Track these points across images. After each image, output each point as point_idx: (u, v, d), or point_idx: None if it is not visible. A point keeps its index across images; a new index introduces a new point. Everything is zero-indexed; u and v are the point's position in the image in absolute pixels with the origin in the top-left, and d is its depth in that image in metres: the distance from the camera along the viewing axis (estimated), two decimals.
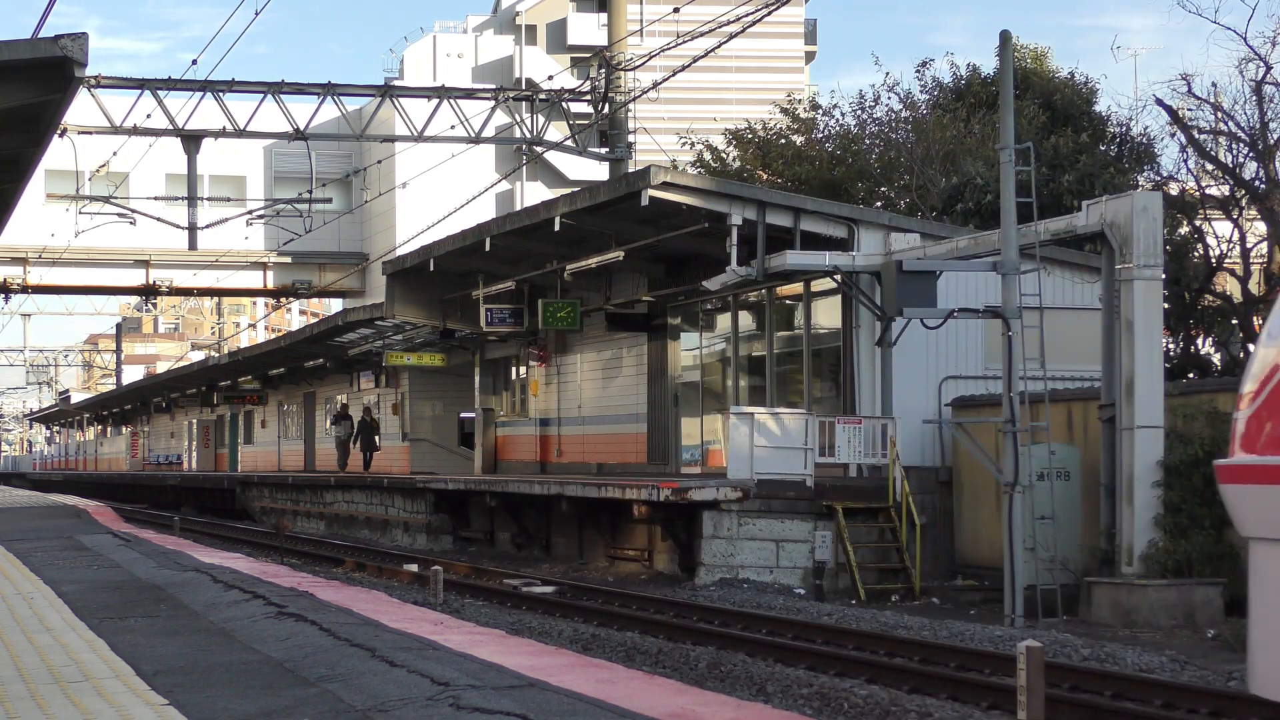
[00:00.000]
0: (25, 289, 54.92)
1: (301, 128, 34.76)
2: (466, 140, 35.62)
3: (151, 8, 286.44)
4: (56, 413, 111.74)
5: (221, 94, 34.03)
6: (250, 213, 41.96)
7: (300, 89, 34.70)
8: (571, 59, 66.13)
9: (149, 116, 33.88)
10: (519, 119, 36.57)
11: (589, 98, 35.92)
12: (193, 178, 34.70)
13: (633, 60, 34.19)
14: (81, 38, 13.66)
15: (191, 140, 33.84)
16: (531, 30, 69.85)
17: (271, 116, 35.52)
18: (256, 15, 30.02)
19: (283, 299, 68.34)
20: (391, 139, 39.78)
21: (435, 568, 22.40)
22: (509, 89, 39.87)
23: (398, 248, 46.03)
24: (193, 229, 35.24)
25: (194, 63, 33.29)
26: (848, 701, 13.35)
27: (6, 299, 54.63)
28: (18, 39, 14.16)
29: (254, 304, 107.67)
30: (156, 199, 40.62)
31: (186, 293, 62.33)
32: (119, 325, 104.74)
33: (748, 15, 27.81)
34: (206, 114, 34.68)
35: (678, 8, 28.85)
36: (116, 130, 34.27)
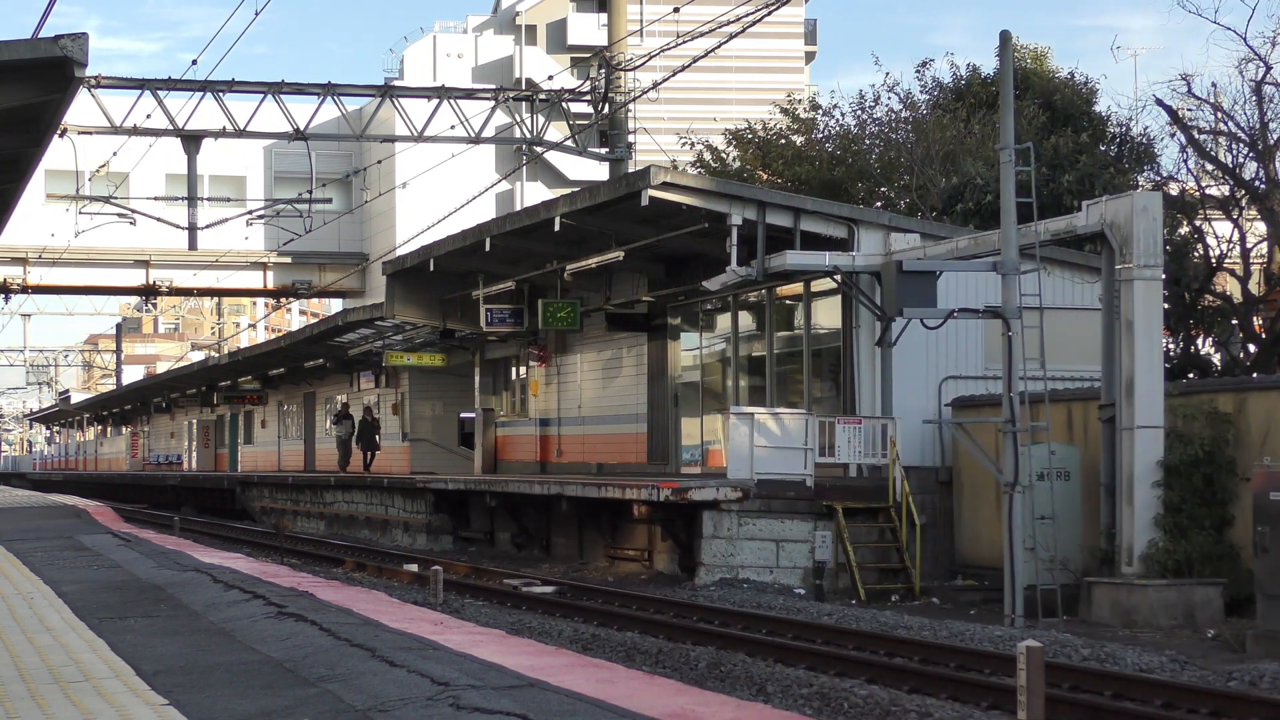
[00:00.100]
0: (25, 289, 54.91)
1: (301, 128, 34.76)
2: (466, 140, 35.62)
3: (151, 8, 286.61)
4: (56, 413, 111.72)
5: (221, 94, 34.03)
6: (250, 213, 41.95)
7: (300, 89, 34.70)
8: (571, 59, 66.13)
9: (149, 116, 33.88)
10: (519, 119, 36.56)
11: (589, 98, 35.91)
12: (193, 178, 34.70)
13: (633, 60, 34.18)
14: (81, 38, 13.65)
15: (191, 140, 33.84)
16: (531, 30, 69.85)
17: (271, 116, 35.52)
18: (256, 15, 30.04)
19: (283, 299, 68.34)
20: (391, 139, 39.78)
21: (435, 568, 22.40)
22: (509, 89, 39.86)
23: (398, 248, 46.02)
24: (193, 229, 35.23)
25: (194, 63, 33.29)
26: (848, 701, 13.35)
27: (6, 299, 54.63)
28: (18, 39, 14.15)
29: (254, 304, 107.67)
30: (156, 199, 40.63)
31: (186, 293, 62.33)
32: (119, 325, 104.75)
33: (748, 15, 27.81)
34: (206, 114, 34.68)
35: (678, 8, 28.83)
36: (116, 130, 34.27)
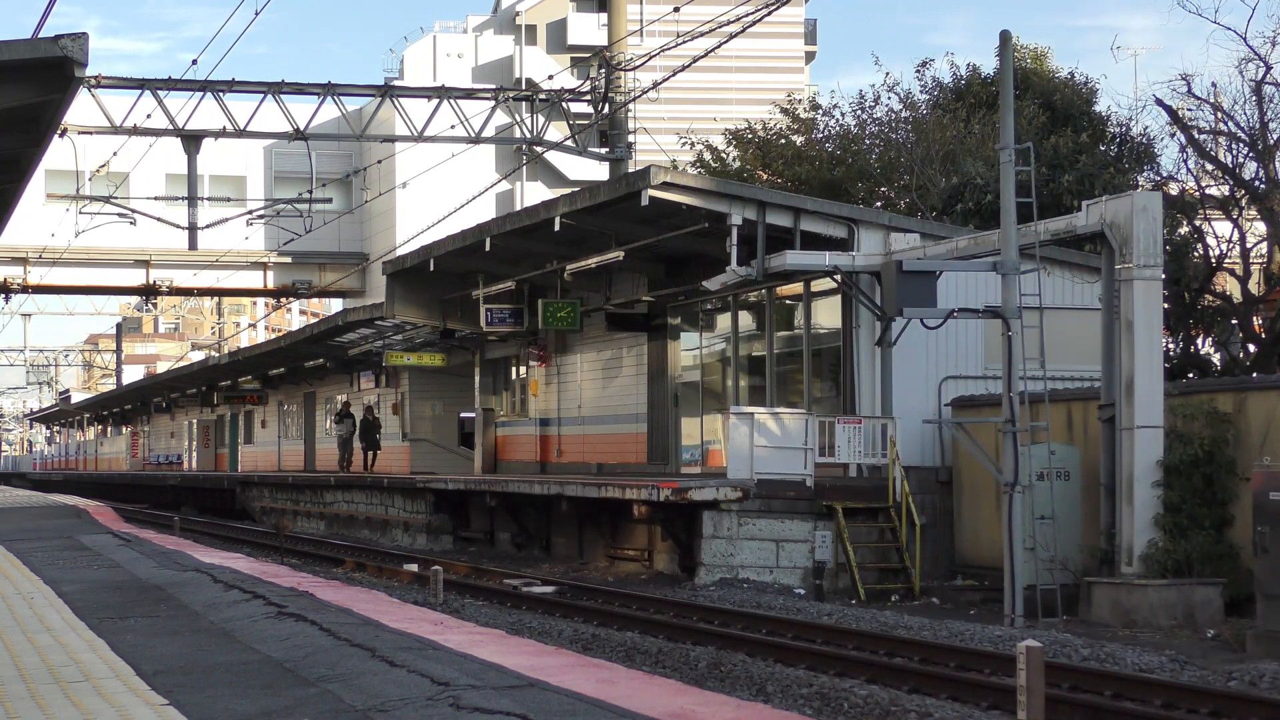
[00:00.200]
0: (25, 289, 54.88)
1: (301, 128, 34.75)
2: (466, 140, 35.61)
3: (151, 8, 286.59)
4: (56, 413, 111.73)
5: (221, 94, 34.02)
6: (250, 213, 41.93)
7: (300, 89, 34.69)
8: (571, 59, 66.11)
9: (149, 116, 33.87)
10: (519, 119, 36.55)
11: (589, 98, 35.90)
12: (193, 178, 34.68)
13: (633, 60, 34.17)
14: (81, 38, 13.64)
15: (191, 140, 33.82)
16: (531, 30, 69.84)
17: (271, 116, 35.51)
18: (256, 15, 30.02)
19: (283, 299, 68.34)
20: (391, 139, 39.76)
21: (435, 568, 22.40)
22: (509, 89, 39.84)
23: (398, 248, 46.01)
24: (193, 229, 35.21)
25: (194, 63, 33.26)
26: (848, 701, 13.36)
27: (7, 299, 54.60)
28: (18, 39, 14.14)
29: (254, 304, 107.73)
30: (156, 199, 40.60)
31: (187, 293, 62.31)
32: (119, 325, 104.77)
33: (748, 15, 27.80)
34: (206, 114, 34.67)
35: (678, 8, 28.82)
36: (116, 130, 34.26)
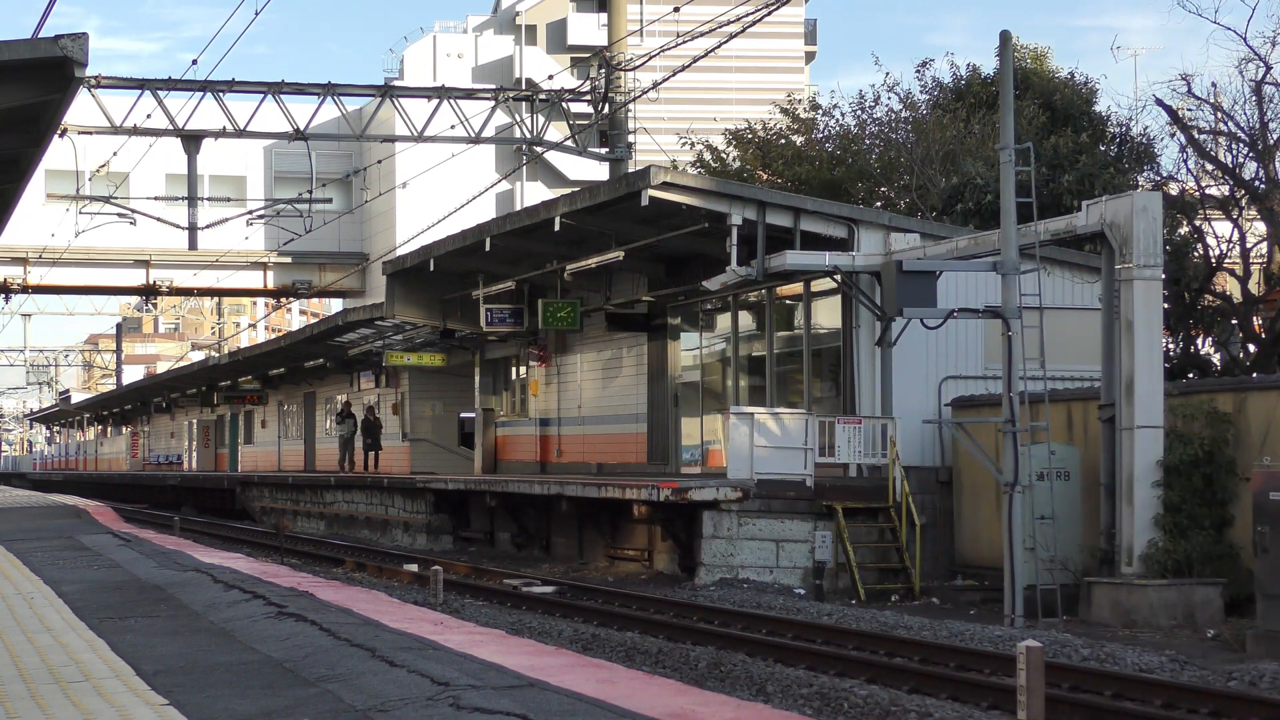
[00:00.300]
0: (25, 289, 54.89)
1: (301, 128, 34.75)
2: (466, 140, 35.61)
3: (151, 8, 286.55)
4: (56, 413, 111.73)
5: (221, 94, 34.02)
6: (250, 213, 41.93)
7: (300, 89, 34.68)
8: (571, 59, 66.11)
9: (149, 116, 33.87)
10: (519, 119, 36.55)
11: (589, 98, 35.90)
12: (193, 178, 34.68)
13: (633, 60, 34.17)
14: (81, 38, 13.65)
15: (191, 140, 33.82)
16: (531, 30, 69.84)
17: (271, 116, 35.51)
18: (256, 15, 30.01)
19: (283, 299, 68.32)
20: (391, 139, 39.76)
21: (435, 568, 22.40)
22: (509, 89, 39.83)
23: (398, 248, 46.01)
24: (193, 229, 35.22)
25: (194, 63, 33.25)
26: (848, 701, 13.36)
27: (7, 299, 54.61)
28: (18, 39, 14.14)
29: (254, 304, 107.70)
30: (156, 199, 40.60)
31: (187, 293, 62.31)
32: (119, 325, 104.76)
33: (748, 15, 27.79)
34: (206, 114, 34.66)
35: (678, 8, 28.82)
36: (116, 130, 34.25)
